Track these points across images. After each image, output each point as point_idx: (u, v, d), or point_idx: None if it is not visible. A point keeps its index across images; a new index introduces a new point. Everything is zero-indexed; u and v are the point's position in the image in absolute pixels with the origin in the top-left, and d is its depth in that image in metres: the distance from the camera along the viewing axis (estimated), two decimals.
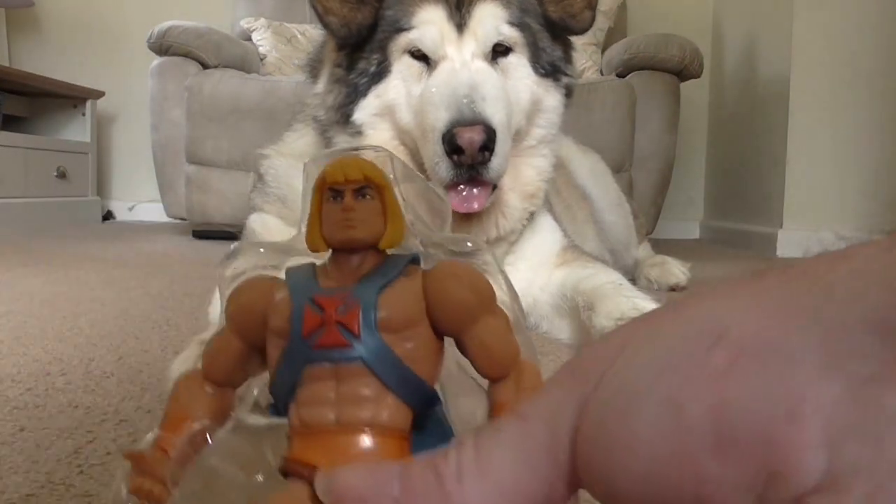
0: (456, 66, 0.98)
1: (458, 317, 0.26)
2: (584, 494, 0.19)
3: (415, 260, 0.27)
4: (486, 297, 0.26)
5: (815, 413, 0.14)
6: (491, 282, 0.27)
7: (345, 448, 0.24)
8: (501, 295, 0.27)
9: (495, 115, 0.94)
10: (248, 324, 0.27)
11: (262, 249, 0.31)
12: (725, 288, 0.18)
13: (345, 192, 0.26)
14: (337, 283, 0.26)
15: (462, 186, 0.96)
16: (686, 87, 2.58)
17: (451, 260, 0.28)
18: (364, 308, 0.25)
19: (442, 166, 0.94)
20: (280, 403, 0.25)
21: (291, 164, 1.13)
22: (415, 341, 0.25)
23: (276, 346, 0.25)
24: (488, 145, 0.92)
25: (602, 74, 2.65)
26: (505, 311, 0.27)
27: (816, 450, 0.14)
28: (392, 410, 0.24)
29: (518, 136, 1.06)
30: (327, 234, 0.26)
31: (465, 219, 0.99)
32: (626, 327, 0.19)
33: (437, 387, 0.26)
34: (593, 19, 1.07)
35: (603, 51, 2.75)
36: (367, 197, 0.26)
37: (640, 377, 0.17)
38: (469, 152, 0.91)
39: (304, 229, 0.27)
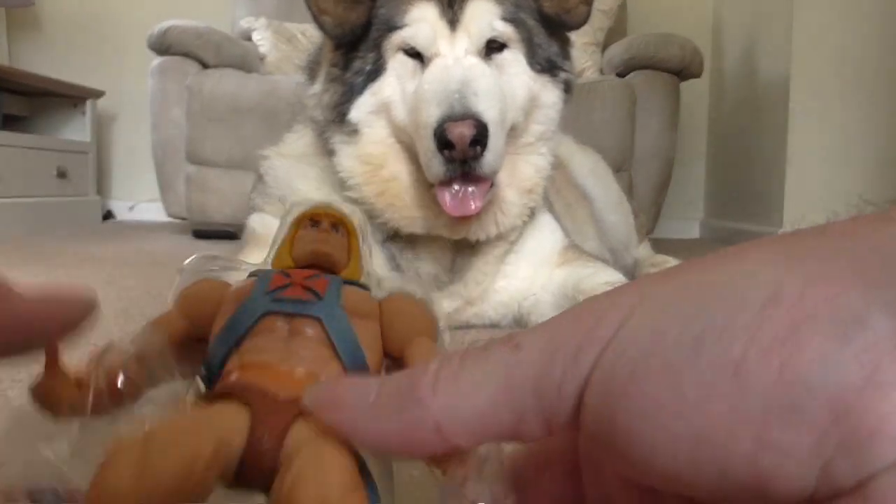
0: (448, 63, 0.98)
1: (406, 334, 0.27)
2: None
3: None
4: (432, 324, 0.28)
5: (892, 384, 0.13)
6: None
7: (286, 378, 0.23)
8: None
9: (487, 110, 0.94)
10: (198, 308, 0.27)
11: (216, 259, 0.32)
12: (756, 247, 0.17)
13: (322, 221, 0.28)
14: None
15: (456, 187, 0.95)
16: (686, 86, 2.58)
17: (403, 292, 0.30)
18: (331, 282, 0.26)
19: (434, 162, 0.94)
20: (216, 361, 0.25)
21: (291, 164, 1.14)
22: (369, 333, 0.26)
23: (225, 315, 0.26)
24: (480, 140, 0.92)
25: (602, 74, 2.65)
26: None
27: None
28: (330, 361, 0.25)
29: (515, 132, 1.05)
30: (298, 251, 0.28)
31: (464, 216, 0.98)
32: (640, 281, 0.18)
33: None
34: (588, 14, 1.07)
35: (603, 50, 2.75)
36: (339, 233, 0.29)
37: (677, 335, 0.15)
38: (460, 147, 0.91)
39: (271, 257, 0.29)
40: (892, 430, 0.13)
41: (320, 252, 0.27)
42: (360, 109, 1.04)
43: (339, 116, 1.05)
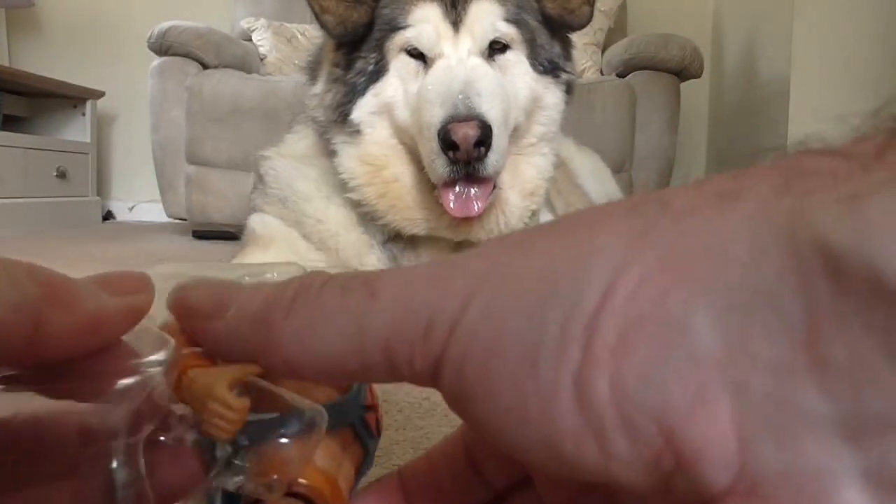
0: (451, 64, 0.98)
1: None
2: None
3: None
4: None
5: (716, 400, 0.12)
6: None
7: None
8: None
9: (490, 110, 0.94)
10: None
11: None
12: (611, 213, 0.15)
13: None
14: None
15: (459, 187, 0.95)
16: (686, 86, 2.58)
17: None
18: None
19: (438, 163, 0.94)
20: None
21: (292, 165, 1.14)
22: None
23: None
24: (484, 141, 0.92)
25: (602, 74, 2.65)
26: None
27: (724, 445, 0.12)
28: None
29: (518, 133, 1.06)
30: None
31: (467, 217, 0.98)
32: (494, 246, 0.16)
33: None
34: (591, 15, 1.07)
35: (603, 51, 2.75)
36: None
37: (518, 337, 0.14)
38: (464, 147, 0.91)
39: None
40: (717, 454, 0.12)
41: None
42: (362, 110, 1.04)
43: (340, 117, 1.05)
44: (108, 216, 3.47)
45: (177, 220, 2.71)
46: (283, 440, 0.19)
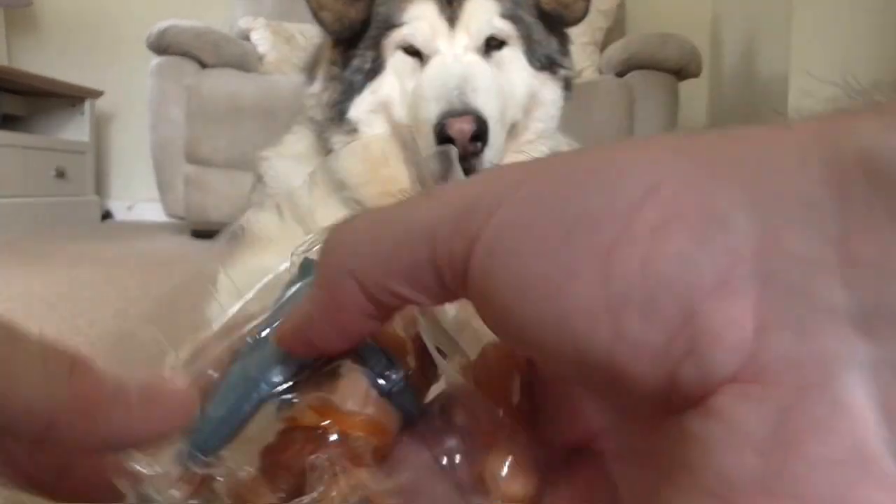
0: (447, 60, 0.98)
1: None
2: None
3: None
4: None
5: (743, 288, 0.13)
6: None
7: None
8: None
9: (486, 105, 0.94)
10: None
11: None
12: (645, 141, 0.16)
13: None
14: None
15: None
16: (685, 86, 2.58)
17: None
18: None
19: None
20: None
21: (291, 165, 1.14)
22: None
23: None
24: (480, 136, 0.92)
25: (601, 74, 2.66)
26: None
27: (741, 330, 0.13)
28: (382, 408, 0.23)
29: (516, 130, 1.06)
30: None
31: None
32: (518, 166, 0.17)
33: None
34: (587, 9, 1.07)
35: (601, 50, 2.75)
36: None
37: (555, 215, 0.15)
38: (460, 142, 0.91)
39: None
40: (733, 338, 0.13)
41: None
42: (360, 108, 1.04)
43: (338, 115, 1.05)
44: (106, 215, 3.47)
45: (175, 220, 2.71)
46: None
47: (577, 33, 1.14)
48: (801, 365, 0.12)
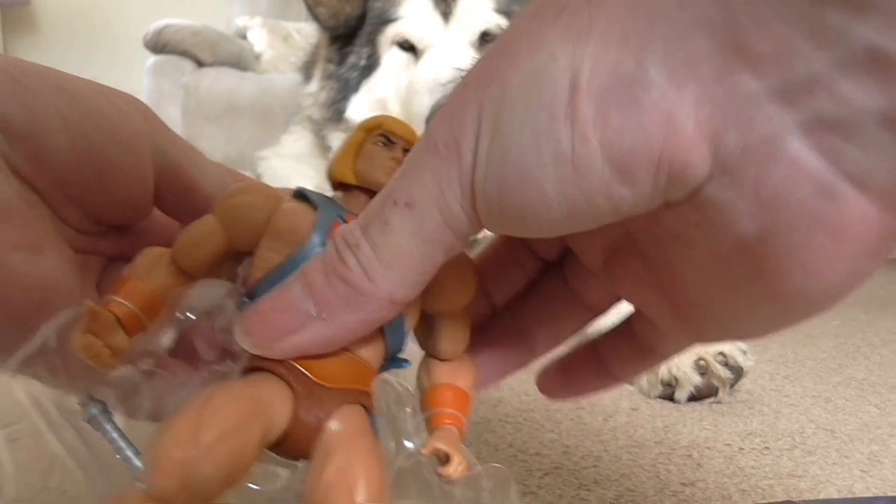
0: (440, 54, 0.99)
1: (456, 296, 0.25)
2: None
3: None
4: (470, 282, 0.26)
5: (686, 119, 0.15)
6: None
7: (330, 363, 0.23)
8: None
9: None
10: (243, 222, 0.24)
11: None
12: (552, 22, 0.18)
13: (397, 143, 0.26)
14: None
15: None
16: None
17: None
18: None
19: None
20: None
21: (288, 165, 1.14)
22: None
23: (277, 251, 0.23)
24: None
25: None
26: None
27: (700, 145, 0.16)
28: (375, 344, 0.23)
29: None
30: (363, 170, 0.25)
31: None
32: (471, 89, 0.19)
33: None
34: None
35: None
36: None
37: (518, 147, 0.17)
38: None
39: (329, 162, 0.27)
40: (699, 155, 0.16)
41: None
42: (357, 107, 1.04)
43: (335, 114, 1.06)
44: None
45: None
46: None
47: None
48: (752, 150, 0.15)
